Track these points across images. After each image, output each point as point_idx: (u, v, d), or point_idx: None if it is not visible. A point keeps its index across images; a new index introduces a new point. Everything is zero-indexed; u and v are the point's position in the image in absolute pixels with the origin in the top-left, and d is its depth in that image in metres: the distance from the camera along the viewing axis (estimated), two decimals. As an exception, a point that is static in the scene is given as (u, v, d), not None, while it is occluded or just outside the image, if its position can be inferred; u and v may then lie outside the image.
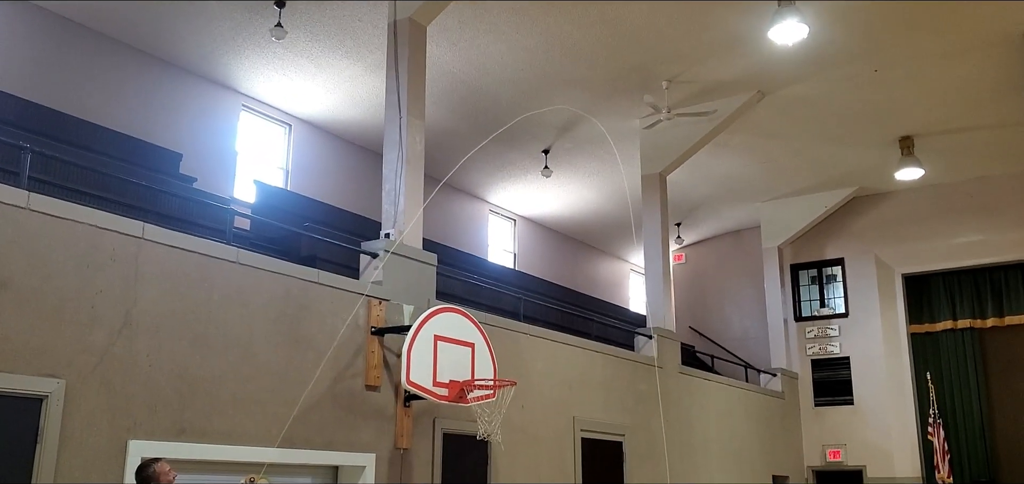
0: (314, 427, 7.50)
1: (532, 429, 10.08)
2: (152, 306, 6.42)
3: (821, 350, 17.23)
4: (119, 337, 6.19)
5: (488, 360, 8.73)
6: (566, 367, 10.90)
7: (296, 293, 7.55)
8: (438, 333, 8.25)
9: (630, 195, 14.56)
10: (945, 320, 16.55)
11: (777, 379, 16.64)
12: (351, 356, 7.94)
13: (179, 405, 6.50)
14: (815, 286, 17.67)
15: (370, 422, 8.04)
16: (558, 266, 17.89)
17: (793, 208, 17.15)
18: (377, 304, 8.24)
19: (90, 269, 6.09)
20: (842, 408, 16.77)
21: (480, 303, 10.90)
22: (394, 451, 8.22)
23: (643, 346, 13.04)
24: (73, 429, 5.85)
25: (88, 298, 6.05)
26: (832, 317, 17.29)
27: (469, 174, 15.04)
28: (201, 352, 6.71)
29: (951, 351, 16.46)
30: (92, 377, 6.00)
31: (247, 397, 6.98)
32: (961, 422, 16.09)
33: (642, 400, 12.19)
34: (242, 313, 7.06)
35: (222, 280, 6.96)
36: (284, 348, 7.35)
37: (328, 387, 7.67)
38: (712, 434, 13.91)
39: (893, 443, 16.20)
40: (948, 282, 16.64)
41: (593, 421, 11.20)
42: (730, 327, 18.83)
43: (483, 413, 8.48)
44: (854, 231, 17.24)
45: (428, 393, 8.05)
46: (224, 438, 6.75)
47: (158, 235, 6.56)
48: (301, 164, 12.93)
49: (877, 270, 16.91)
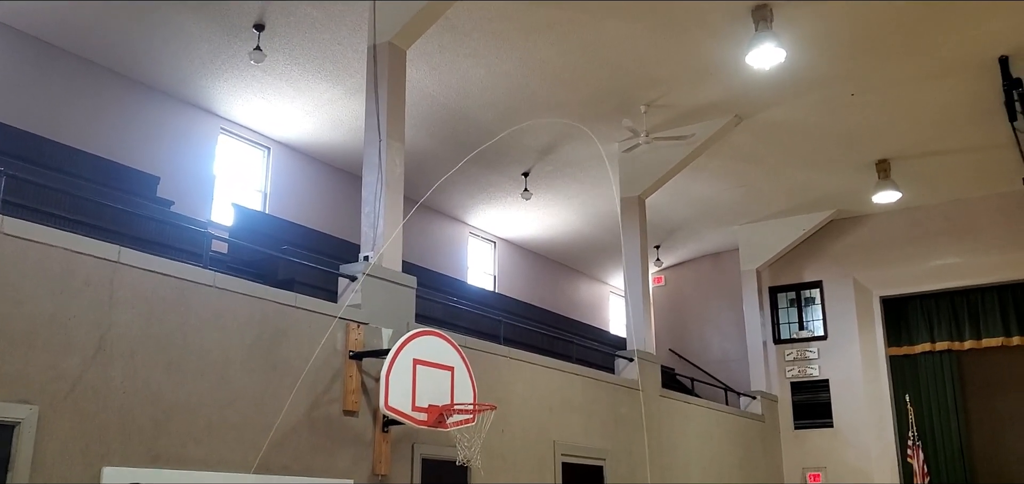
0: (291, 453, 7.42)
1: (512, 454, 10.03)
2: (127, 331, 6.35)
3: (800, 373, 17.31)
4: (93, 362, 6.10)
5: (468, 384, 8.68)
6: (546, 390, 10.87)
7: (273, 317, 7.49)
8: (417, 357, 8.21)
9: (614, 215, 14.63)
10: (923, 342, 16.69)
11: (757, 402, 16.69)
12: (329, 381, 7.88)
13: (154, 431, 6.41)
14: (794, 308, 17.77)
15: (348, 448, 7.96)
16: (538, 288, 17.89)
17: (771, 231, 17.28)
18: (355, 328, 8.18)
19: (64, 294, 6.02)
20: (822, 431, 16.83)
21: (460, 326, 10.87)
22: (372, 477, 8.14)
23: (623, 369, 13.04)
24: (45, 456, 5.75)
25: (62, 323, 5.97)
26: (811, 340, 17.39)
27: (449, 196, 15.04)
28: (176, 377, 6.63)
29: (929, 373, 16.59)
30: (65, 403, 5.91)
31: (223, 423, 6.90)
32: (940, 443, 16.19)
33: (623, 423, 12.17)
34: (218, 338, 7.00)
35: (198, 304, 6.89)
36: (261, 373, 7.28)
37: (305, 412, 7.60)
38: (693, 457, 13.91)
39: (873, 465, 16.26)
40: (926, 305, 16.80)
41: (573, 445, 11.16)
42: (710, 349, 18.90)
43: (463, 438, 8.42)
44: (832, 254, 17.38)
45: (407, 418, 7.99)
46: (200, 465, 6.66)
47: (134, 259, 6.49)
48: (280, 187, 12.88)
49: (855, 293, 17.05)
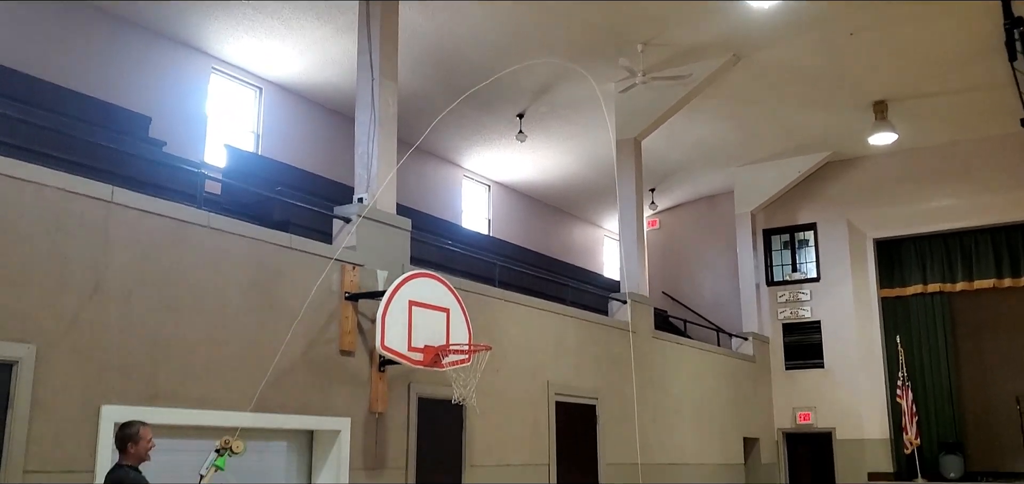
0: (288, 392, 7.49)
1: (507, 393, 10.15)
2: (123, 270, 6.35)
3: (792, 314, 17.45)
4: (90, 302, 6.12)
5: (463, 325, 8.75)
6: (540, 332, 10.96)
7: (268, 258, 7.50)
8: (413, 298, 8.25)
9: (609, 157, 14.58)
10: (915, 284, 16.81)
11: (749, 343, 16.85)
12: (325, 321, 7.92)
13: (152, 370, 6.45)
14: (787, 251, 17.85)
15: (345, 387, 8.04)
16: (533, 232, 17.91)
17: (767, 173, 17.27)
18: (350, 269, 8.20)
19: (59, 233, 6.01)
20: (813, 371, 17.04)
21: (455, 269, 10.89)
22: (369, 415, 8.24)
23: (617, 311, 13.13)
24: (45, 394, 5.79)
25: (57, 262, 5.97)
26: (804, 282, 17.50)
27: (443, 139, 14.95)
28: (173, 317, 6.66)
29: (921, 315, 16.74)
30: (63, 342, 5.94)
31: (220, 362, 6.95)
32: (929, 384, 16.40)
33: (615, 364, 12.30)
34: (214, 278, 7.01)
35: (194, 245, 6.89)
36: (257, 313, 7.31)
37: (302, 352, 7.65)
38: (684, 397, 14.09)
39: (862, 405, 16.50)
40: (919, 246, 16.88)
41: (567, 385, 11.29)
42: (703, 292, 19.01)
43: (458, 378, 8.51)
44: (827, 196, 17.41)
45: (403, 358, 8.06)
46: (197, 403, 6.72)
47: (128, 199, 6.47)
48: (272, 128, 12.78)
49: (849, 235, 17.11)
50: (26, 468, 5.61)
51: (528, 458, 10.38)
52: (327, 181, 11.82)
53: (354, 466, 7.96)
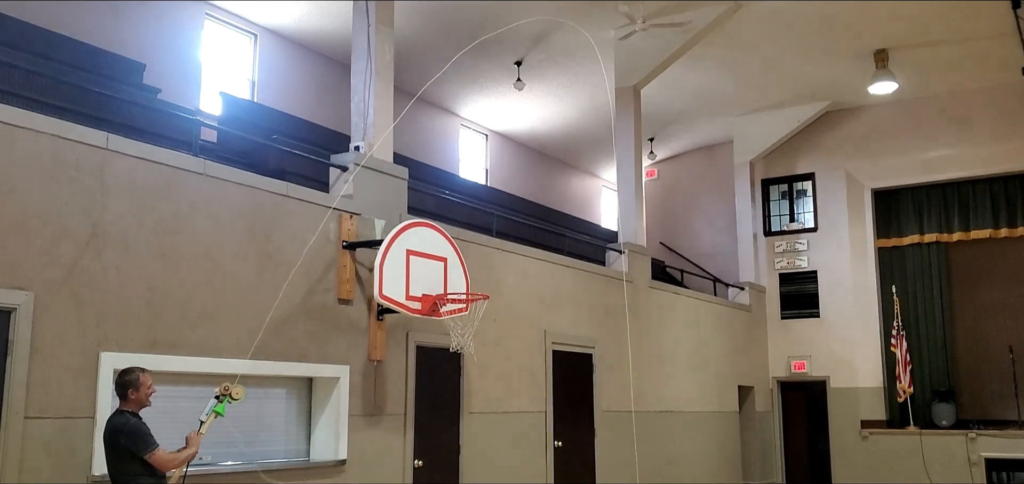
0: (287, 339, 7.53)
1: (504, 342, 10.21)
2: (119, 218, 6.34)
3: (789, 264, 17.50)
4: (87, 249, 6.11)
5: (461, 275, 8.77)
6: (538, 282, 10.99)
7: (266, 206, 7.48)
8: (410, 247, 8.26)
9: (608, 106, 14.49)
10: (912, 234, 16.82)
11: (745, 293, 16.93)
12: (323, 270, 7.94)
13: (150, 317, 6.47)
14: (785, 201, 17.84)
15: (343, 335, 8.08)
16: (531, 182, 17.86)
17: (766, 123, 17.19)
18: (348, 218, 8.19)
19: (55, 181, 5.98)
20: (808, 321, 17.14)
21: (452, 219, 10.88)
22: (368, 363, 8.30)
23: (614, 261, 13.16)
24: (44, 341, 5.82)
25: (54, 210, 5.96)
26: (801, 232, 17.53)
27: (440, 87, 14.82)
28: (170, 264, 6.66)
29: (917, 265, 16.79)
30: (61, 289, 5.94)
31: (218, 309, 6.97)
32: (924, 334, 16.51)
33: (612, 313, 12.36)
34: (211, 226, 7.00)
35: (190, 192, 6.87)
36: (254, 261, 7.31)
37: (300, 300, 7.68)
38: (680, 347, 14.19)
39: (857, 354, 16.63)
40: (916, 197, 16.87)
41: (564, 334, 11.36)
42: (700, 242, 19.03)
43: (456, 326, 8.56)
44: (826, 146, 17.35)
45: (401, 307, 8.09)
46: (196, 350, 6.76)
47: (123, 146, 6.44)
48: (268, 75, 12.66)
49: (847, 185, 17.10)
50: (27, 413, 5.66)
51: (525, 405, 10.48)
52: (324, 129, 11.74)
53: (353, 413, 8.04)
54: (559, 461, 10.90)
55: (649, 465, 12.69)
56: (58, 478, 5.81)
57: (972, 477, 15.14)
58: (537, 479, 10.52)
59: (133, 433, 5.31)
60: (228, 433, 6.97)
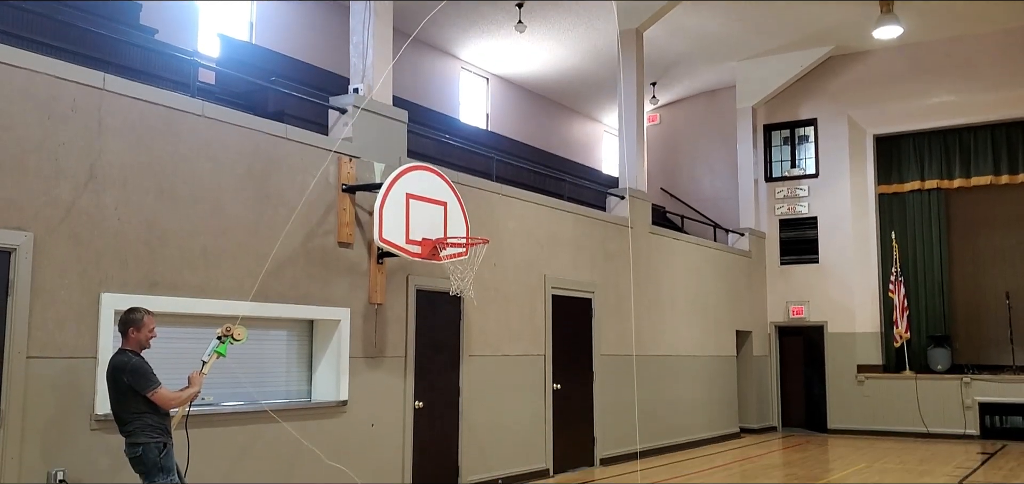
0: (288, 282, 7.55)
1: (504, 286, 10.25)
2: (117, 159, 6.31)
3: (790, 210, 17.50)
4: (85, 190, 6.10)
5: (460, 219, 8.77)
6: (538, 227, 10.99)
7: (264, 148, 7.45)
8: (410, 191, 8.24)
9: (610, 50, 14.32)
10: (913, 181, 16.79)
11: (745, 238, 16.95)
12: (322, 213, 7.93)
13: (150, 259, 6.49)
14: (787, 146, 17.77)
15: (344, 278, 8.11)
16: (532, 127, 17.75)
17: (769, 67, 17.04)
18: (347, 161, 8.16)
19: (52, 120, 5.94)
20: (807, 266, 17.19)
21: (452, 163, 10.83)
22: (368, 306, 8.34)
23: (615, 207, 13.15)
24: (44, 282, 5.84)
25: (51, 150, 5.93)
26: (802, 178, 17.48)
27: (440, 28, 14.66)
28: (170, 206, 6.66)
29: (917, 211, 16.78)
30: (60, 230, 5.95)
31: (218, 252, 6.98)
32: (922, 280, 16.57)
33: (612, 259, 12.39)
34: (210, 168, 6.98)
35: (188, 134, 6.83)
36: (254, 204, 7.31)
37: (300, 243, 7.69)
38: (679, 291, 14.25)
39: (855, 300, 16.71)
40: (918, 143, 16.79)
41: (564, 279, 11.39)
42: (701, 188, 18.99)
43: (456, 270, 8.58)
44: (829, 91, 17.22)
45: (401, 250, 8.10)
46: (197, 292, 6.78)
47: (120, 86, 6.39)
48: (267, 17, 12.50)
49: (849, 131, 17.01)
50: (29, 353, 5.70)
51: (525, 349, 10.56)
52: (323, 72, 11.64)
53: (354, 355, 8.10)
54: (558, 404, 11.02)
55: (647, 408, 12.83)
56: (62, 417, 5.88)
57: (966, 421, 15.33)
58: (536, 421, 10.65)
59: (136, 371, 5.36)
60: (230, 373, 7.03)
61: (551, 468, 10.79)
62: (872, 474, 11.17)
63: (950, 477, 10.79)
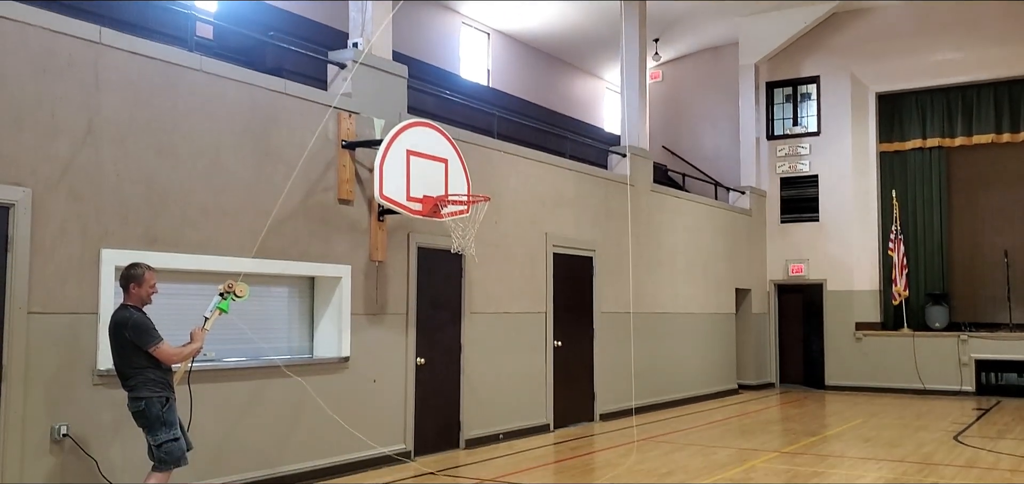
0: (288, 239, 7.54)
1: (505, 244, 10.24)
2: (115, 114, 6.26)
3: (791, 168, 17.44)
4: (83, 145, 6.06)
5: (462, 176, 8.72)
6: (539, 185, 10.95)
7: (263, 104, 7.39)
8: (411, 148, 8.19)
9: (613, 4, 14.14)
10: (915, 139, 16.72)
11: (746, 196, 16.92)
12: (322, 169, 7.89)
13: (150, 215, 6.46)
14: (789, 104, 17.67)
15: (344, 235, 8.09)
16: (533, 84, 17.62)
17: (772, 23, 16.87)
18: (347, 117, 8.10)
19: (47, 75, 5.88)
20: (807, 225, 17.19)
21: (453, 120, 10.75)
22: (369, 263, 8.33)
23: (616, 165, 13.10)
24: (44, 238, 5.82)
25: (48, 105, 5.87)
26: (804, 135, 17.41)
27: (441, -16, 14.47)
28: (169, 162, 6.61)
29: (918, 169, 16.74)
30: (59, 186, 5.91)
31: (218, 208, 6.96)
32: (922, 238, 16.58)
33: (613, 217, 12.36)
34: (209, 124, 6.92)
35: (186, 89, 6.77)
36: (253, 160, 7.26)
37: (301, 200, 7.66)
38: (680, 250, 14.25)
39: (854, 258, 16.73)
40: (920, 101, 16.70)
41: (565, 237, 11.38)
42: (702, 146, 18.91)
43: (457, 228, 8.56)
44: (832, 48, 17.08)
45: (402, 207, 8.07)
46: (197, 248, 6.77)
47: (117, 40, 6.31)
48: (264, -29, 12.31)
49: (852, 88, 16.90)
50: (30, 308, 5.70)
51: (526, 306, 10.58)
52: (321, 26, 11.51)
53: (355, 312, 8.11)
54: (558, 361, 11.07)
55: (648, 364, 12.90)
56: (64, 372, 5.89)
57: (962, 378, 15.43)
58: (536, 378, 10.71)
59: (138, 326, 5.36)
60: (233, 330, 7.04)
61: (551, 423, 10.88)
62: (868, 429, 11.26)
63: (945, 432, 10.88)
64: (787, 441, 10.45)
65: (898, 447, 9.81)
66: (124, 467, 6.12)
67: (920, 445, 9.95)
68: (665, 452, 9.44)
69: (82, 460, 5.92)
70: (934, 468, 8.53)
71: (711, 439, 10.57)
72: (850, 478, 8.10)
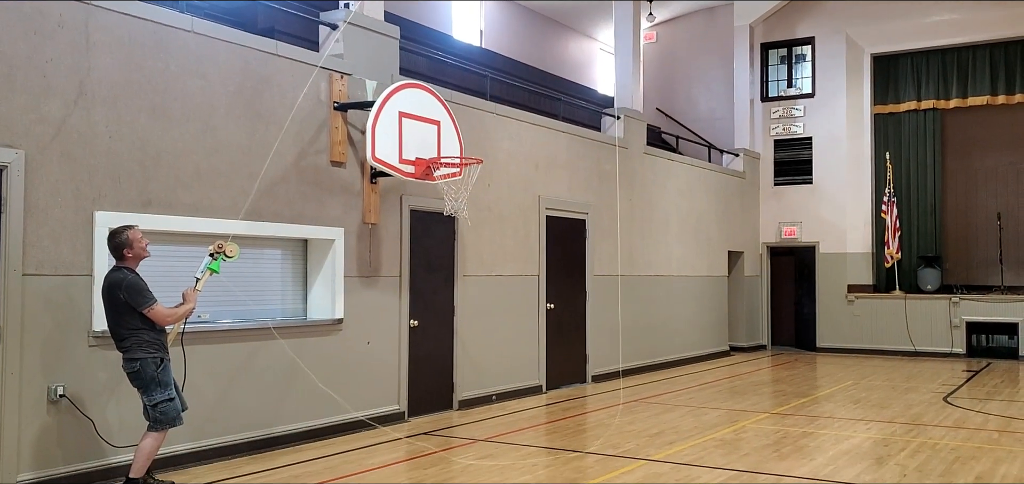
0: (281, 201, 7.55)
1: (498, 207, 10.26)
2: (106, 75, 6.24)
3: (785, 130, 17.45)
4: (75, 107, 6.05)
5: (454, 138, 8.72)
6: (532, 147, 10.95)
7: (255, 65, 7.36)
8: (403, 110, 8.18)
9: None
10: (909, 101, 16.71)
11: (739, 159, 16.93)
12: (314, 131, 7.88)
13: (143, 177, 6.47)
14: (784, 66, 17.62)
15: (337, 197, 8.10)
16: (526, 45, 17.51)
17: (767, -17, 16.79)
18: (339, 78, 8.08)
19: (38, 36, 5.85)
20: (801, 187, 17.23)
21: (446, 82, 10.72)
22: (362, 226, 8.36)
23: (609, 127, 13.08)
24: (37, 199, 5.83)
25: (38, 66, 5.85)
26: (798, 97, 17.39)
27: (434, -56, 14.33)
28: (161, 124, 6.61)
29: (912, 131, 16.75)
30: (51, 147, 5.91)
31: (211, 170, 6.96)
32: (915, 200, 16.64)
33: (606, 179, 12.38)
34: (201, 85, 6.90)
35: (178, 50, 6.74)
36: (246, 121, 7.25)
37: (293, 162, 7.66)
38: (672, 212, 14.29)
39: (847, 221, 16.80)
40: (916, 62, 16.66)
41: (558, 199, 11.41)
42: (697, 108, 18.87)
43: (450, 190, 8.57)
44: (827, 9, 17.00)
45: (394, 170, 8.08)
46: (190, 210, 6.79)
47: (108, 2, 6.26)
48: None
49: (846, 49, 16.85)
50: (25, 270, 5.73)
51: (519, 269, 10.64)
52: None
53: (348, 274, 8.15)
54: (551, 323, 11.15)
55: (640, 326, 13.00)
56: (59, 334, 5.94)
57: (953, 340, 15.59)
58: (529, 340, 10.79)
59: (132, 287, 5.40)
60: (226, 291, 7.08)
61: (544, 385, 10.98)
62: (859, 390, 11.40)
63: (935, 394, 11.02)
64: (777, 402, 10.58)
65: (887, 408, 9.94)
66: (120, 427, 6.19)
67: (909, 406, 10.08)
68: (656, 413, 9.56)
69: (79, 420, 5.99)
70: (923, 428, 8.66)
71: (702, 400, 10.69)
72: (839, 438, 8.22)
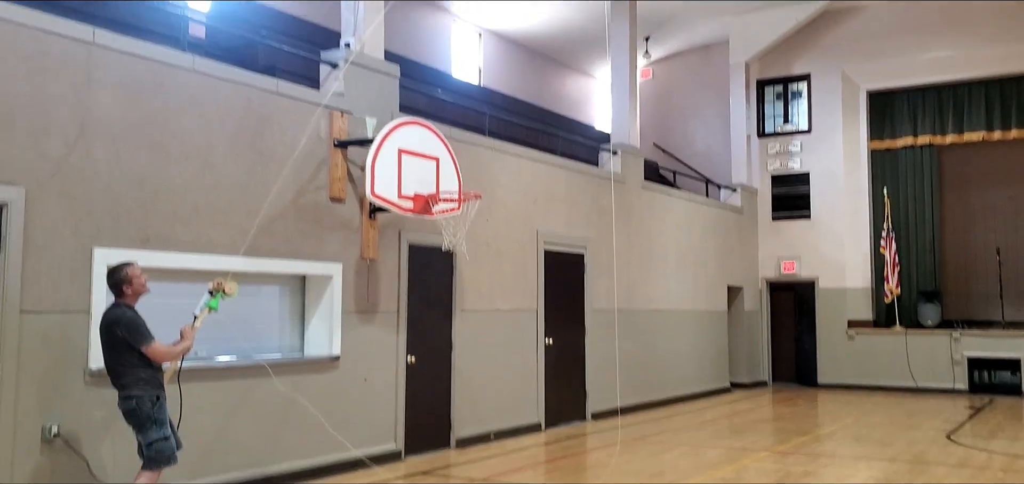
0: (280, 237, 7.56)
1: (496, 242, 10.28)
2: (107, 114, 6.28)
3: (782, 166, 17.52)
4: (76, 145, 6.08)
5: (453, 174, 8.76)
6: (531, 182, 10.99)
7: (256, 103, 7.41)
8: (402, 146, 8.22)
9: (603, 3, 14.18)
10: (906, 136, 16.80)
11: (737, 194, 16.98)
12: (314, 168, 7.92)
13: (142, 214, 6.49)
14: (780, 102, 17.74)
15: (336, 233, 8.12)
16: (524, 82, 17.65)
17: (763, 21, 16.92)
18: (339, 116, 8.13)
19: (40, 75, 5.90)
20: (799, 222, 17.26)
21: (445, 119, 10.77)
22: (360, 261, 8.36)
23: (607, 162, 13.14)
24: (37, 236, 5.84)
25: (40, 104, 5.89)
26: (795, 133, 17.49)
27: (433, -17, 14.49)
28: (161, 161, 6.64)
29: (909, 167, 16.82)
30: (51, 184, 5.93)
31: (210, 207, 6.98)
32: (913, 236, 16.66)
33: (604, 214, 12.40)
34: (201, 123, 6.95)
35: (179, 89, 6.79)
36: (245, 159, 7.29)
37: (292, 199, 7.68)
38: (670, 247, 14.30)
39: (846, 256, 16.81)
40: (911, 99, 16.78)
41: (556, 235, 11.43)
42: (693, 144, 18.96)
43: (448, 226, 8.60)
44: (823, 46, 17.15)
45: (393, 205, 8.11)
46: (189, 247, 6.79)
47: (109, 40, 6.33)
48: (257, -30, 12.32)
49: (842, 86, 16.98)
50: (23, 307, 5.72)
51: (517, 304, 10.62)
52: (313, 26, 11.53)
53: (346, 310, 8.14)
54: (549, 358, 11.12)
55: (639, 361, 12.95)
56: (56, 371, 5.91)
57: (954, 376, 15.52)
58: (528, 376, 10.75)
59: (130, 325, 5.39)
60: (224, 328, 7.06)
61: (543, 422, 10.91)
62: (860, 428, 11.33)
63: (938, 431, 10.95)
64: (779, 440, 10.51)
65: (890, 446, 9.86)
66: (114, 466, 6.14)
67: (912, 444, 10.00)
68: (654, 452, 9.48)
69: (72, 459, 5.94)
70: (926, 467, 8.58)
71: (702, 439, 10.63)
72: (841, 477, 8.15)
